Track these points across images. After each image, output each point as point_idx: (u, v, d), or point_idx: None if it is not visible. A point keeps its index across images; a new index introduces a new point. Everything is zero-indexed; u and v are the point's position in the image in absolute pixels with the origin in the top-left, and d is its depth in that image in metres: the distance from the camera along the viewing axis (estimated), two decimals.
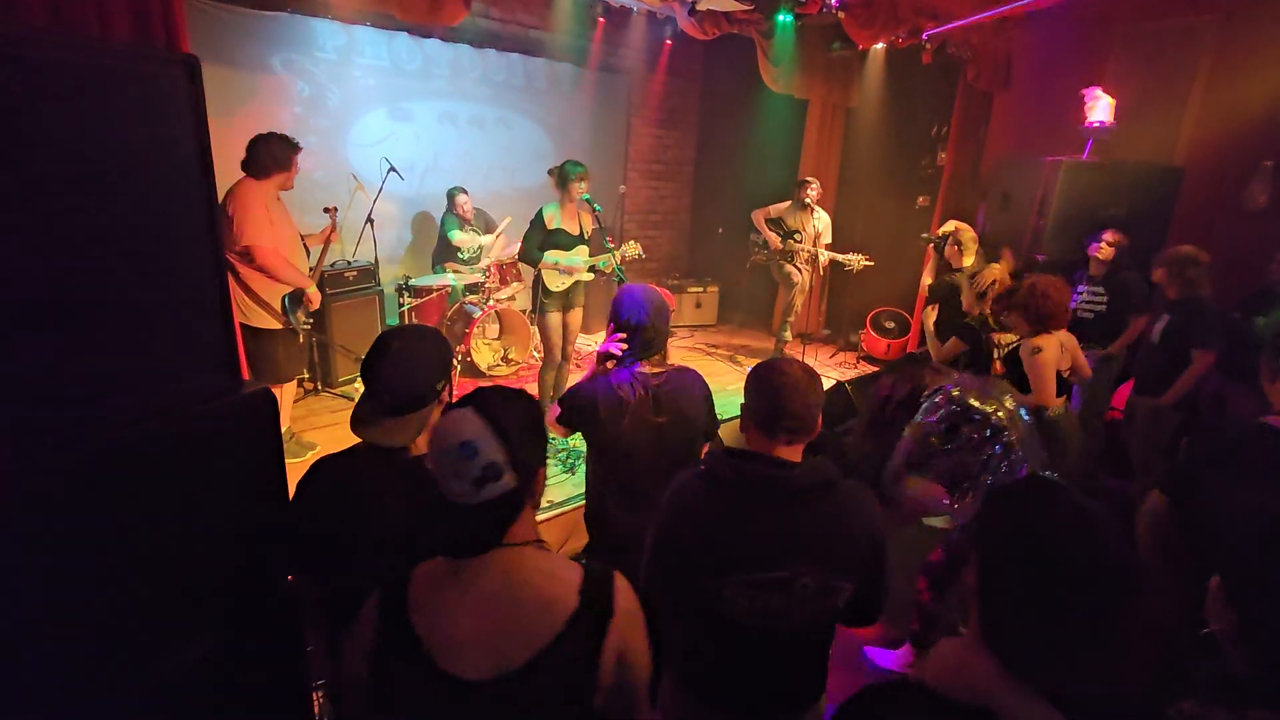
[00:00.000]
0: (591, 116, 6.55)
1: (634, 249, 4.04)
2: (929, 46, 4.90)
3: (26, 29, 1.71)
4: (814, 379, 1.43)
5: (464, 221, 5.20)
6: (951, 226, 4.21)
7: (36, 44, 1.09)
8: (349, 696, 1.07)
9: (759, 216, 5.47)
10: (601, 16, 5.31)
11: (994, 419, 2.49)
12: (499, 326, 5.34)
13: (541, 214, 3.85)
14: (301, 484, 1.45)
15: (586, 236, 3.95)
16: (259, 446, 1.47)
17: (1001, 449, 2.57)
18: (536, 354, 4.99)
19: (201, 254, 1.34)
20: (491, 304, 4.89)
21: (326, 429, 4.03)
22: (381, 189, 4.65)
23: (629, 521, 1.97)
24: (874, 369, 5.46)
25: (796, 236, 5.31)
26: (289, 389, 3.67)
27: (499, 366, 5.13)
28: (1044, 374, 2.69)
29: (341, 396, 4.55)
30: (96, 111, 1.14)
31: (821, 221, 5.34)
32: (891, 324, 6.11)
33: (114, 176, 1.18)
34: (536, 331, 4.53)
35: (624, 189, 6.90)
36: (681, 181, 7.61)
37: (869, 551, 1.39)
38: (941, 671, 0.85)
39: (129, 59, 1.23)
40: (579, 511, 3.05)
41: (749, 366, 1.54)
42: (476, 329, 4.90)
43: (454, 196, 5.16)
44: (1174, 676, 1.31)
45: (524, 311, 5.05)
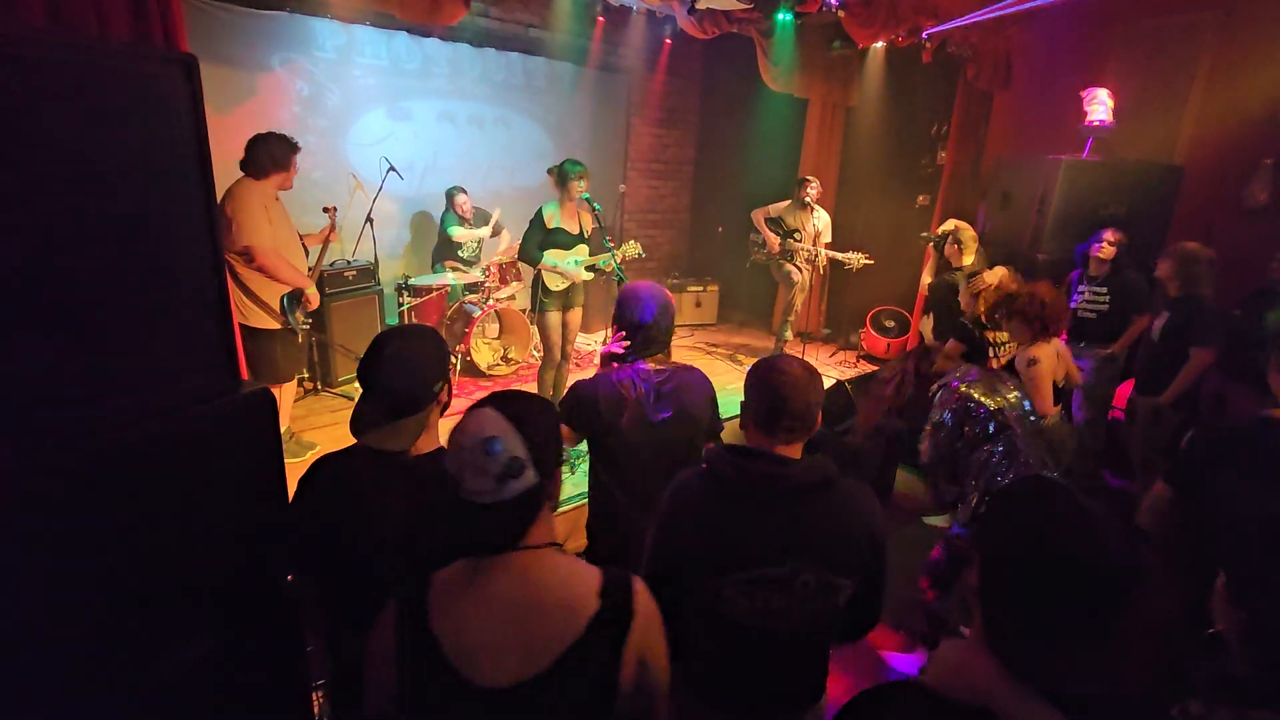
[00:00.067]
0: (591, 115, 6.55)
1: (634, 249, 4.04)
2: (929, 45, 4.89)
3: (25, 28, 1.71)
4: (814, 376, 1.42)
5: (463, 221, 5.20)
6: (951, 225, 4.21)
7: (35, 44, 1.09)
8: (371, 702, 1.06)
9: (759, 216, 5.46)
10: (601, 15, 5.30)
11: (996, 417, 2.49)
12: (499, 326, 5.33)
13: (541, 213, 3.85)
14: (301, 483, 1.45)
15: (586, 236, 3.95)
16: (258, 446, 1.47)
17: (1003, 449, 2.57)
18: (536, 353, 4.98)
19: (200, 253, 1.33)
20: (491, 303, 4.89)
21: (326, 428, 4.03)
22: (381, 188, 4.65)
23: (629, 520, 1.96)
24: (874, 368, 5.46)
25: (796, 236, 5.31)
26: (289, 389, 3.67)
27: (499, 366, 5.13)
28: (1041, 385, 2.73)
29: (341, 396, 4.55)
30: (95, 111, 1.13)
31: (821, 221, 5.33)
32: (891, 323, 6.11)
33: (112, 176, 1.17)
34: (536, 331, 4.53)
35: (624, 188, 6.90)
36: (681, 180, 7.60)
37: (869, 550, 1.38)
38: (942, 672, 0.85)
39: (127, 58, 1.23)
40: (580, 510, 3.05)
41: (749, 366, 1.53)
42: (476, 328, 4.90)
43: (453, 196, 5.16)
44: (1175, 676, 1.31)
45: (524, 311, 5.04)
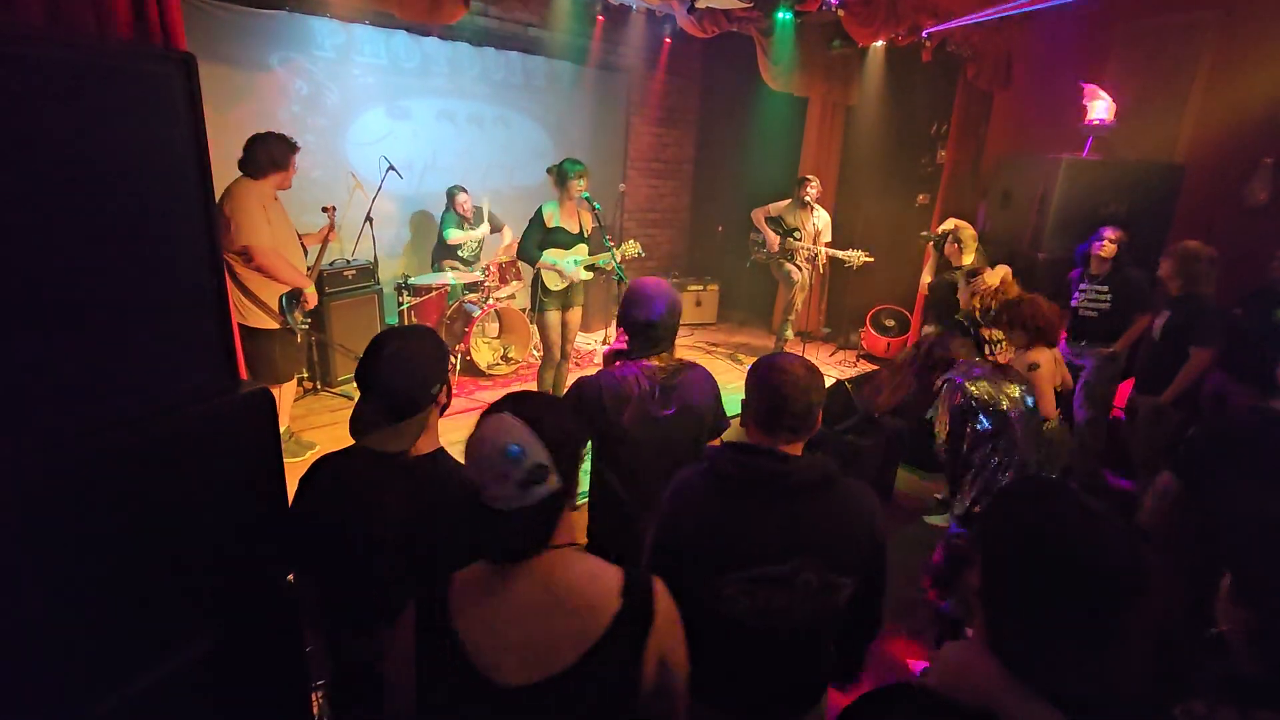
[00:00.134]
0: (590, 115, 6.54)
1: (634, 248, 4.03)
2: (929, 44, 4.88)
3: (24, 27, 1.70)
4: (815, 375, 1.42)
5: (464, 220, 5.19)
6: (951, 225, 4.21)
7: (34, 42, 1.09)
8: (392, 701, 1.06)
9: (759, 215, 5.46)
10: (600, 14, 5.28)
11: (996, 417, 2.49)
12: (498, 325, 5.33)
13: (541, 212, 3.84)
14: (301, 484, 1.45)
15: (586, 235, 3.94)
16: (257, 446, 1.47)
17: (1001, 449, 2.57)
18: (536, 353, 4.98)
19: (199, 253, 1.33)
20: (491, 303, 4.88)
21: (326, 428, 4.02)
22: (380, 188, 4.64)
23: (631, 518, 1.96)
24: (874, 367, 5.45)
25: (796, 235, 5.31)
26: (288, 388, 3.67)
27: (498, 365, 5.13)
28: (1044, 388, 2.75)
29: (341, 396, 4.54)
30: (93, 110, 1.13)
31: (821, 220, 5.33)
32: (891, 322, 6.10)
33: (111, 175, 1.17)
34: (536, 330, 4.52)
35: (623, 187, 6.89)
36: (681, 180, 7.59)
37: (869, 548, 1.38)
38: (944, 673, 0.85)
39: (126, 57, 1.23)
40: (580, 508, 3.04)
41: (749, 365, 1.53)
42: (476, 328, 4.89)
43: (454, 195, 5.15)
44: (1176, 676, 1.30)
45: (523, 310, 5.04)
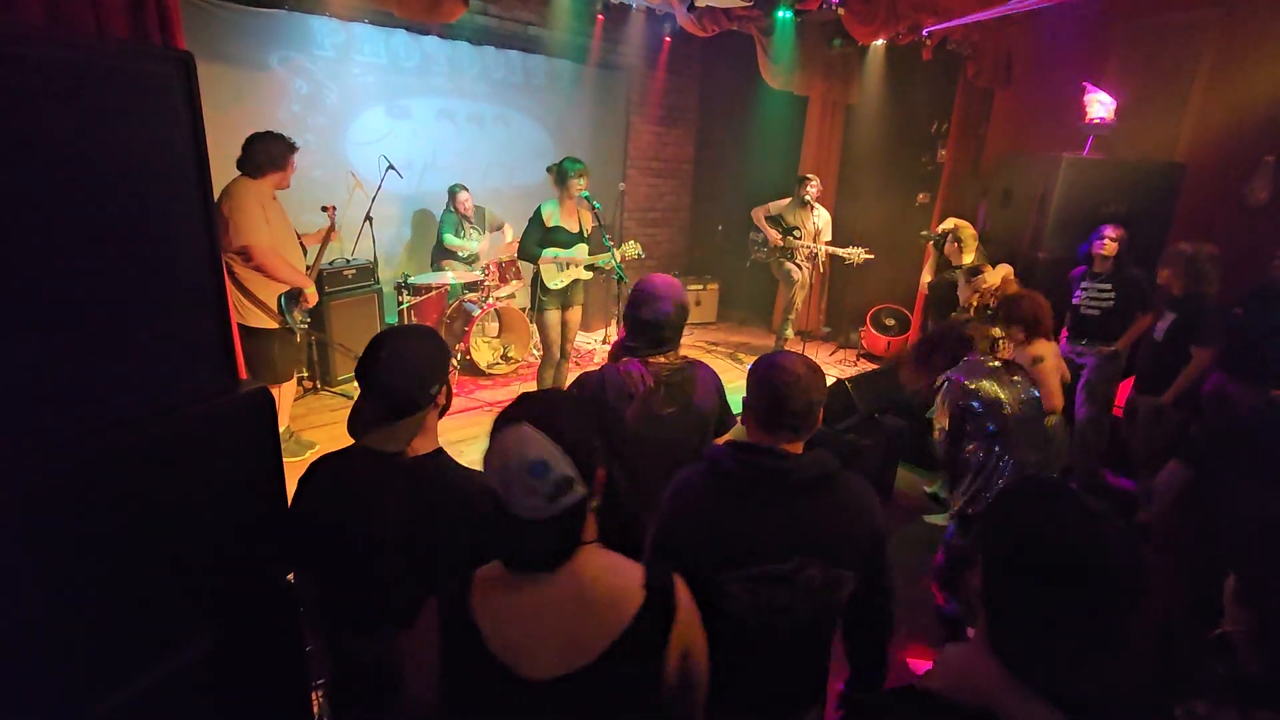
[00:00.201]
0: (590, 114, 6.54)
1: (634, 249, 4.03)
2: (929, 43, 4.88)
3: (23, 27, 1.70)
4: (815, 374, 1.41)
5: (464, 219, 5.19)
6: (951, 224, 4.21)
7: (33, 42, 1.08)
8: (411, 694, 1.06)
9: (759, 214, 5.45)
10: (600, 13, 5.29)
11: (998, 413, 2.46)
12: (498, 324, 5.33)
13: (540, 211, 3.84)
14: (300, 483, 1.45)
15: (586, 234, 3.93)
16: (257, 446, 1.46)
17: (999, 449, 2.56)
18: (536, 352, 4.98)
19: (198, 252, 1.32)
20: (491, 302, 4.88)
21: (326, 427, 4.02)
22: (380, 187, 4.64)
23: (632, 516, 1.95)
24: (874, 366, 5.45)
25: (796, 233, 5.30)
26: (288, 388, 3.66)
27: (498, 365, 5.13)
28: (1050, 380, 2.73)
29: (341, 395, 4.54)
30: (92, 109, 1.12)
31: (821, 219, 5.33)
32: (891, 321, 6.10)
33: (110, 175, 1.16)
34: (535, 329, 4.52)
35: (623, 186, 6.89)
36: (681, 179, 7.59)
37: (870, 543, 1.38)
38: (946, 675, 0.85)
39: (124, 57, 1.22)
40: None
41: (749, 364, 1.53)
42: (476, 327, 4.90)
43: (455, 194, 5.15)
44: (1176, 675, 1.30)
45: (523, 309, 5.04)
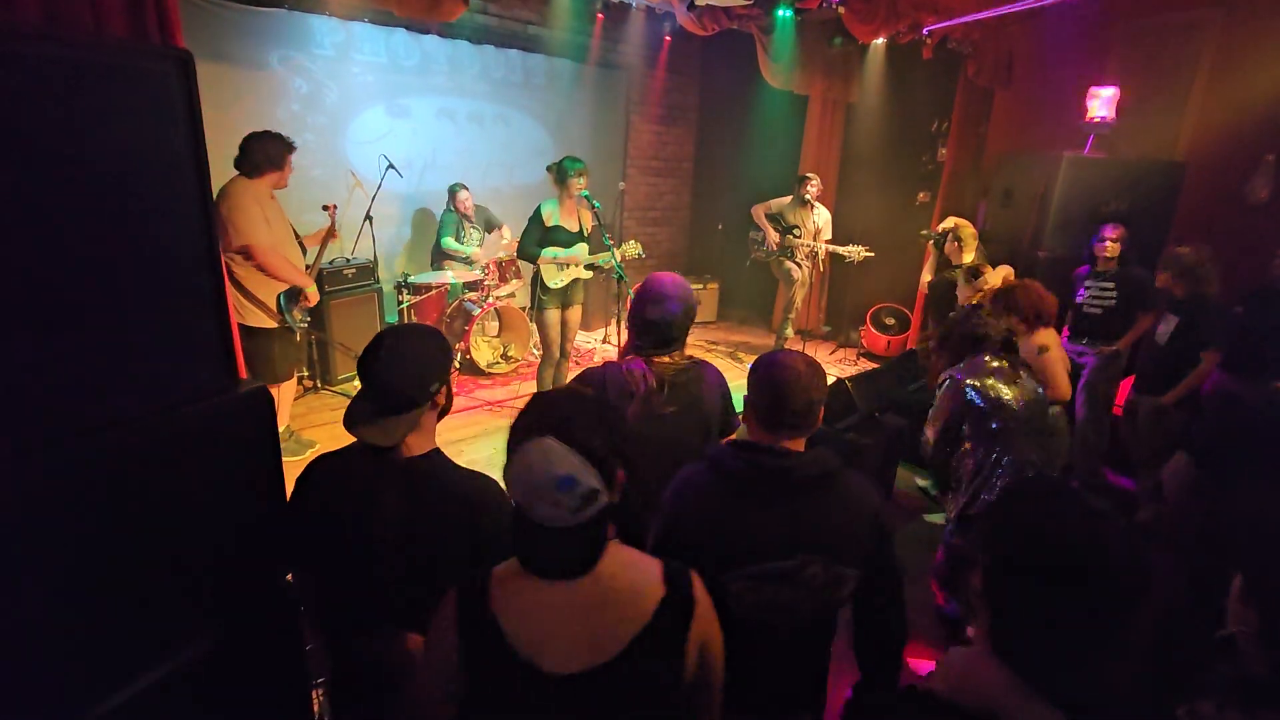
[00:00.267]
0: (590, 113, 6.53)
1: (634, 248, 4.03)
2: (929, 42, 4.87)
3: (21, 26, 1.70)
4: (816, 372, 1.42)
5: (464, 219, 5.18)
6: (951, 223, 4.20)
7: (31, 41, 1.08)
8: (425, 688, 1.06)
9: (759, 211, 5.45)
10: (600, 12, 5.28)
11: (1002, 411, 2.45)
12: (498, 324, 5.33)
13: (540, 211, 3.83)
14: (298, 483, 1.45)
15: (586, 234, 3.93)
16: (256, 445, 1.46)
17: (999, 449, 2.55)
18: (536, 351, 4.97)
19: (197, 252, 1.32)
20: (491, 301, 4.88)
21: (326, 427, 4.02)
22: (380, 186, 4.64)
23: (632, 515, 1.95)
24: (874, 365, 5.45)
25: (796, 232, 5.30)
26: (288, 387, 3.66)
27: (498, 364, 5.13)
28: (1056, 369, 2.71)
29: (340, 394, 4.54)
30: (91, 108, 1.12)
31: (821, 217, 5.32)
32: (892, 320, 6.09)
33: (108, 174, 1.16)
34: (535, 329, 4.52)
35: (623, 185, 6.88)
36: (681, 178, 7.58)
37: (874, 539, 1.38)
38: (949, 677, 0.84)
39: (123, 55, 1.22)
40: None
41: (749, 364, 1.53)
42: (476, 326, 4.89)
43: (455, 193, 5.15)
44: (1177, 675, 1.30)
45: (523, 309, 5.04)
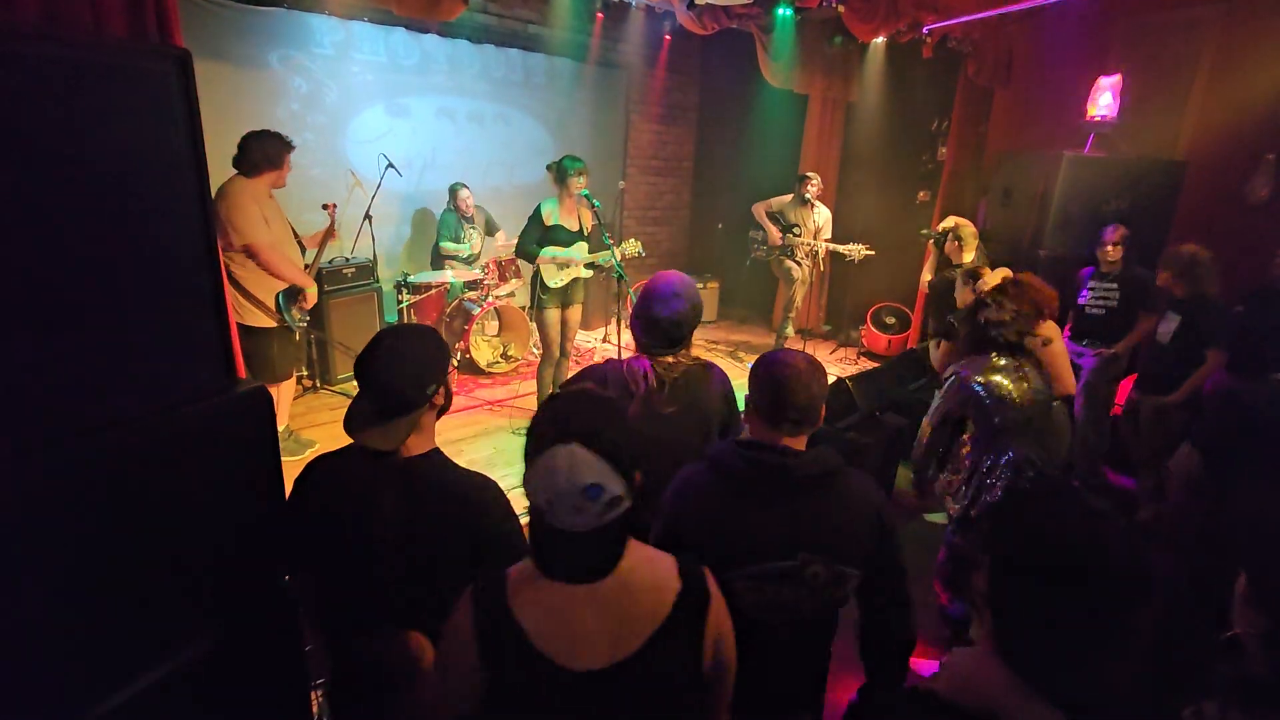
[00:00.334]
0: (590, 112, 6.52)
1: (634, 247, 4.02)
2: (929, 41, 4.87)
3: (19, 25, 1.69)
4: (817, 370, 1.42)
5: (464, 219, 5.18)
6: (951, 222, 4.19)
7: (29, 40, 1.08)
8: (441, 688, 1.06)
9: (759, 209, 5.45)
10: (600, 11, 5.27)
11: (1008, 408, 2.43)
12: (498, 323, 5.32)
13: (540, 210, 3.82)
14: (297, 483, 1.44)
15: (586, 233, 3.92)
16: (255, 444, 1.46)
17: (999, 449, 2.54)
18: (535, 350, 4.97)
19: (196, 251, 1.32)
20: (490, 301, 4.87)
21: (325, 426, 4.01)
22: (380, 185, 4.63)
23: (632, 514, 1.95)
24: (875, 364, 5.44)
25: (796, 230, 5.30)
26: (288, 387, 3.66)
27: (498, 363, 5.12)
28: (1060, 361, 2.69)
29: (340, 394, 4.53)
30: (89, 107, 1.12)
31: (822, 216, 5.32)
32: (892, 319, 6.09)
33: (107, 173, 1.16)
34: (535, 328, 4.51)
35: (623, 185, 6.88)
36: (681, 177, 7.58)
37: (877, 538, 1.38)
38: (952, 679, 0.84)
39: (121, 54, 1.21)
40: None
41: (750, 363, 1.53)
42: (475, 326, 4.89)
43: (456, 191, 5.14)
44: (1178, 676, 1.30)
45: (523, 308, 5.03)
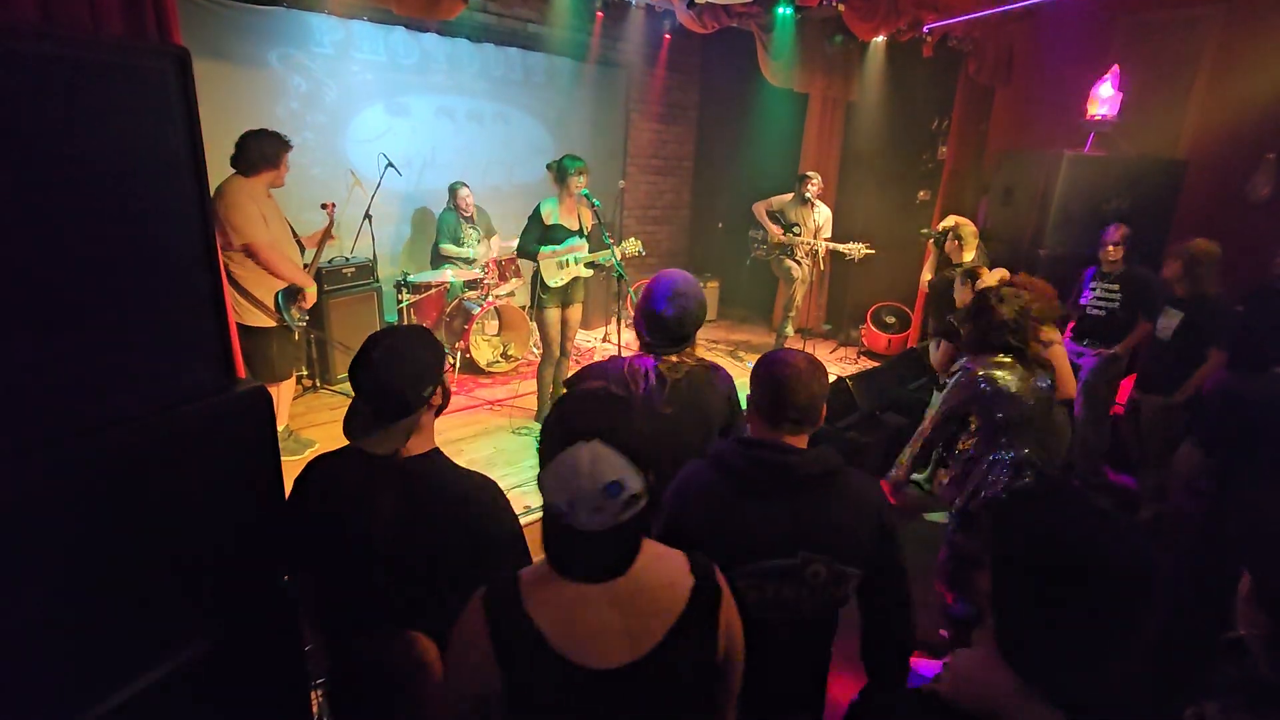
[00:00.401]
0: (590, 111, 6.52)
1: (634, 246, 4.02)
2: (930, 39, 4.86)
3: (17, 23, 1.69)
4: (818, 369, 1.42)
5: (463, 219, 5.17)
6: (952, 222, 4.19)
7: (27, 38, 1.07)
8: (454, 690, 1.05)
9: (760, 208, 5.44)
10: (600, 10, 5.27)
11: (1014, 404, 2.42)
12: (498, 323, 5.32)
13: (540, 209, 3.82)
14: (296, 484, 1.44)
15: (585, 232, 3.92)
16: (255, 444, 1.45)
17: (1000, 448, 2.53)
18: (536, 350, 4.96)
19: (195, 250, 1.32)
20: (490, 300, 4.87)
21: (325, 426, 4.01)
22: (379, 185, 4.63)
23: None
24: (875, 364, 5.44)
25: (796, 230, 5.29)
26: (287, 387, 3.65)
27: (498, 363, 5.12)
28: (1062, 364, 2.70)
29: (339, 393, 4.53)
30: (87, 106, 1.11)
31: (822, 215, 5.31)
32: (892, 319, 6.09)
33: (105, 173, 1.15)
34: (535, 327, 4.51)
35: (623, 184, 6.87)
36: (681, 176, 7.57)
37: (877, 538, 1.38)
38: (955, 680, 0.84)
39: (120, 53, 1.21)
40: None
41: (750, 363, 1.53)
42: (475, 325, 4.88)
43: (456, 191, 5.13)
44: (1179, 676, 1.29)
45: (523, 307, 5.03)
